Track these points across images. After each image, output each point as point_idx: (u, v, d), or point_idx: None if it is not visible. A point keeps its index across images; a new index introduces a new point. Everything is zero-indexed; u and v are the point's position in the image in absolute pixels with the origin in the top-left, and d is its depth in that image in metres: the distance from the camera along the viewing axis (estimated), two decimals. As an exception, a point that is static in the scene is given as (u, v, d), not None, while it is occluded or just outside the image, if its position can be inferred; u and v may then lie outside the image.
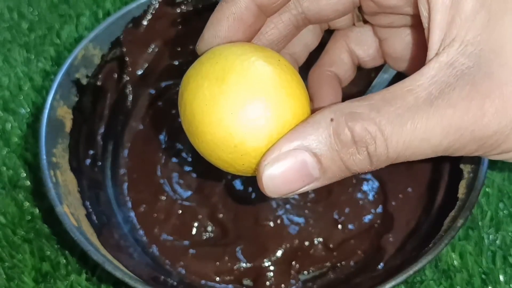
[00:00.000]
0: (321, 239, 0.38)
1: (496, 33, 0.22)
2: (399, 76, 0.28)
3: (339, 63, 0.31)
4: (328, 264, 0.37)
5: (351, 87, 0.33)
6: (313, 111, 0.24)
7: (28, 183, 0.41)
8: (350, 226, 0.38)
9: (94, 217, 0.36)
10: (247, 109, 0.22)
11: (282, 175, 0.23)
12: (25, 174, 0.41)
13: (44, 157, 0.35)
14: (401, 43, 0.29)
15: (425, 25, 0.24)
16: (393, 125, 0.22)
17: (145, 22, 0.43)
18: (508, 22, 0.22)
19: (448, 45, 0.23)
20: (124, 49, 0.42)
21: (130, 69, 0.43)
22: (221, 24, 0.26)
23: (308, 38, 0.30)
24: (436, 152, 0.23)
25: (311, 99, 0.31)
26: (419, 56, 0.24)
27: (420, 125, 0.22)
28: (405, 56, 0.30)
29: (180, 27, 0.44)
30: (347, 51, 0.31)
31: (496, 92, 0.22)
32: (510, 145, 0.23)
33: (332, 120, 0.22)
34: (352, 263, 0.37)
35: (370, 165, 0.23)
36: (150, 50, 0.44)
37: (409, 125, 0.22)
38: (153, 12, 0.43)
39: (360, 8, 0.28)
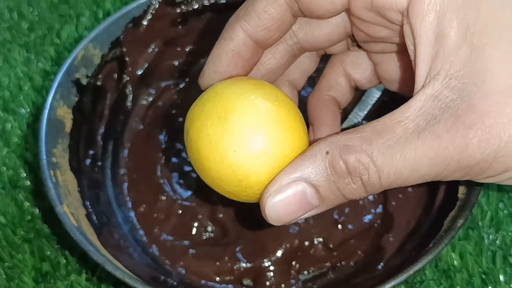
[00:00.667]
0: (321, 239, 0.38)
1: (478, 67, 0.23)
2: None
3: (336, 87, 0.33)
4: (328, 264, 0.37)
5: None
6: (312, 142, 0.26)
7: (28, 183, 0.41)
8: (350, 226, 0.38)
9: (94, 217, 0.36)
10: (249, 147, 0.24)
11: (283, 205, 0.25)
12: (25, 174, 0.41)
13: (44, 157, 0.35)
14: (394, 66, 0.30)
15: (411, 57, 0.25)
16: (384, 156, 0.23)
17: (145, 22, 0.43)
18: (489, 56, 0.23)
19: (433, 78, 0.24)
20: (124, 49, 0.42)
21: (130, 69, 0.43)
22: (220, 61, 0.27)
23: (306, 64, 0.32)
24: (426, 179, 0.24)
25: (311, 123, 0.33)
26: (412, 78, 0.25)
27: (409, 156, 0.23)
28: (398, 78, 0.31)
29: (180, 27, 0.44)
30: (344, 75, 0.33)
31: (478, 124, 0.23)
32: (495, 171, 0.24)
33: (327, 152, 0.24)
34: (352, 263, 0.37)
35: (365, 192, 0.24)
36: (150, 50, 0.44)
37: (399, 156, 0.23)
38: (153, 12, 0.43)
39: (353, 36, 0.29)
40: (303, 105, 0.31)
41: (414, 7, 0.24)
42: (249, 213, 0.39)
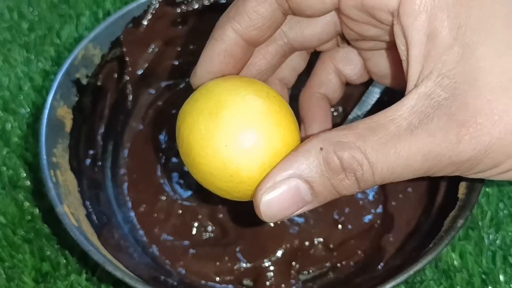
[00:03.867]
0: (321, 239, 0.38)
1: (470, 65, 0.23)
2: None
3: (327, 83, 0.33)
4: (328, 264, 0.37)
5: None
6: (304, 138, 0.26)
7: (28, 183, 0.41)
8: (350, 226, 0.38)
9: (94, 217, 0.36)
10: (240, 141, 0.24)
11: (277, 202, 0.25)
12: (25, 174, 0.41)
13: (44, 157, 0.35)
14: (384, 62, 0.31)
15: (402, 57, 0.25)
16: (377, 153, 0.24)
17: (145, 22, 0.43)
18: (481, 55, 0.23)
19: (426, 78, 0.24)
20: (124, 49, 0.42)
21: (130, 69, 0.43)
22: (212, 61, 0.27)
23: (296, 62, 0.32)
24: (418, 174, 0.25)
25: (302, 121, 0.33)
26: (402, 73, 0.26)
27: (402, 153, 0.24)
28: (389, 73, 0.31)
29: (180, 27, 0.44)
30: (334, 71, 0.33)
31: (470, 122, 0.23)
32: (484, 167, 0.24)
33: (321, 149, 0.24)
34: (352, 263, 0.37)
35: (358, 188, 0.25)
36: (150, 50, 0.44)
37: (392, 153, 0.24)
38: (153, 12, 0.43)
39: (343, 34, 0.29)
40: (294, 103, 0.31)
41: (405, 8, 0.24)
42: (249, 213, 0.38)
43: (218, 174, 0.25)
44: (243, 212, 0.39)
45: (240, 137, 0.24)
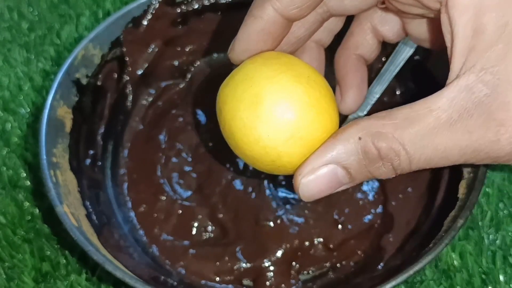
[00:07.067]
0: (321, 239, 0.38)
1: None
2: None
3: (364, 44, 0.33)
4: (328, 264, 0.37)
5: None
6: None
7: (28, 183, 0.41)
8: (350, 226, 0.38)
9: (94, 217, 0.36)
10: (281, 131, 0.25)
11: (315, 185, 0.26)
12: (25, 174, 0.41)
13: (44, 157, 0.35)
14: (424, 27, 0.31)
15: (447, 44, 0.25)
16: (415, 145, 0.24)
17: (145, 22, 0.43)
18: None
19: (468, 70, 0.24)
20: (124, 49, 0.42)
21: (130, 69, 0.43)
22: (250, 39, 0.27)
23: (333, 25, 0.32)
24: (454, 164, 0.25)
25: (339, 83, 0.33)
26: (441, 39, 0.26)
27: (440, 146, 0.24)
28: (428, 37, 0.31)
29: (180, 27, 0.44)
30: (372, 31, 0.33)
31: (510, 121, 0.24)
32: None
33: (360, 138, 0.25)
34: (352, 263, 0.37)
35: (394, 174, 0.26)
36: (150, 50, 0.44)
37: (430, 146, 0.24)
38: (153, 12, 0.43)
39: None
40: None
41: (454, 1, 0.24)
42: (249, 213, 0.39)
43: (260, 158, 0.26)
44: (243, 212, 0.39)
45: (281, 127, 0.25)
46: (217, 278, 0.37)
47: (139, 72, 0.44)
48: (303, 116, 0.25)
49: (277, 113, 0.25)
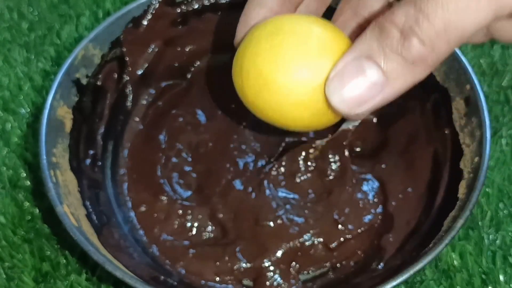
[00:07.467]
0: (321, 239, 0.38)
1: None
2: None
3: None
4: (328, 264, 0.37)
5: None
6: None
7: (28, 183, 0.41)
8: (350, 226, 0.38)
9: (94, 217, 0.36)
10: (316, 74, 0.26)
11: (346, 87, 0.24)
12: (25, 174, 0.41)
13: (44, 157, 0.35)
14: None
15: None
16: (432, 7, 0.22)
17: (145, 22, 0.43)
18: None
19: None
20: (124, 49, 0.42)
21: (130, 69, 0.43)
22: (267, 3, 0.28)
23: None
24: (480, 25, 0.23)
25: None
26: None
27: (461, 4, 0.22)
28: None
29: (180, 27, 0.44)
30: None
31: None
32: None
33: (375, 24, 0.24)
34: (352, 263, 0.37)
35: (425, 50, 0.23)
36: (150, 50, 0.44)
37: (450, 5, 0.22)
38: (153, 12, 0.43)
39: None
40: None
41: None
42: (249, 213, 0.39)
43: (309, 103, 0.27)
44: (243, 212, 0.39)
45: (308, 68, 0.26)
46: (217, 278, 0.37)
47: (139, 72, 0.44)
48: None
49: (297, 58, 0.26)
